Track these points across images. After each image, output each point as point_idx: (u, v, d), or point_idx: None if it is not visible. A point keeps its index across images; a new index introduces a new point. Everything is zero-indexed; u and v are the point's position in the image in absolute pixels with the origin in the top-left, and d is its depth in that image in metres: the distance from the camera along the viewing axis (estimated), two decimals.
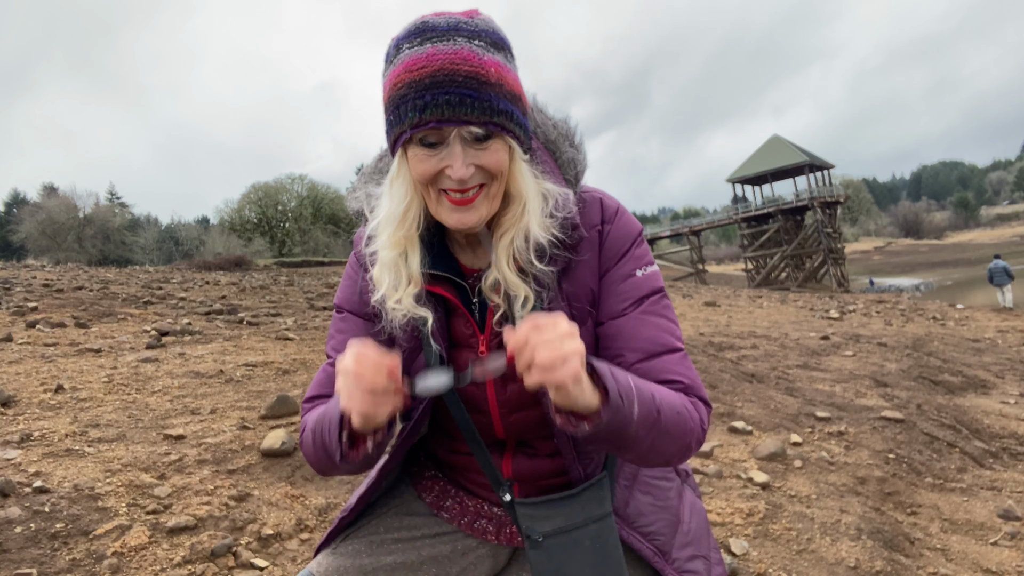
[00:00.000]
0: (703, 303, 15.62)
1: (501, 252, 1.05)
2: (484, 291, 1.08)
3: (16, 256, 43.28)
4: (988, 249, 72.43)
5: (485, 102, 0.94)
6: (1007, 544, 3.10)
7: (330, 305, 10.25)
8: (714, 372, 6.07)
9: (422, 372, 0.98)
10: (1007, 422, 5.32)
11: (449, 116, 0.93)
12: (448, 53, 0.93)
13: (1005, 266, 19.68)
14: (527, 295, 1.05)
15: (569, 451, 1.12)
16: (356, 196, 1.20)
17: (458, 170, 0.96)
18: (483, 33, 0.97)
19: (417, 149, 0.99)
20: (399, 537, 1.21)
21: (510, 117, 0.99)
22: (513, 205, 1.06)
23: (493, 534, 1.21)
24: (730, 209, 54.62)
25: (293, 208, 60.19)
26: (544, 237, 1.05)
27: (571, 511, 1.11)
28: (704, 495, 3.26)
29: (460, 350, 1.13)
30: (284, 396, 3.70)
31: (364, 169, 1.25)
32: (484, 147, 0.98)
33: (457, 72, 0.93)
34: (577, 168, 1.15)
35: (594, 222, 1.12)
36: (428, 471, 1.30)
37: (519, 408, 1.12)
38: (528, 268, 1.05)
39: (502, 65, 0.98)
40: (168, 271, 19.34)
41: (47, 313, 7.25)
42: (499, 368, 0.92)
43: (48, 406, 3.50)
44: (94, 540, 2.16)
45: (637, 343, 1.07)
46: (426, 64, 0.93)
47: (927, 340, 9.75)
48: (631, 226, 1.14)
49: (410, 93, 0.94)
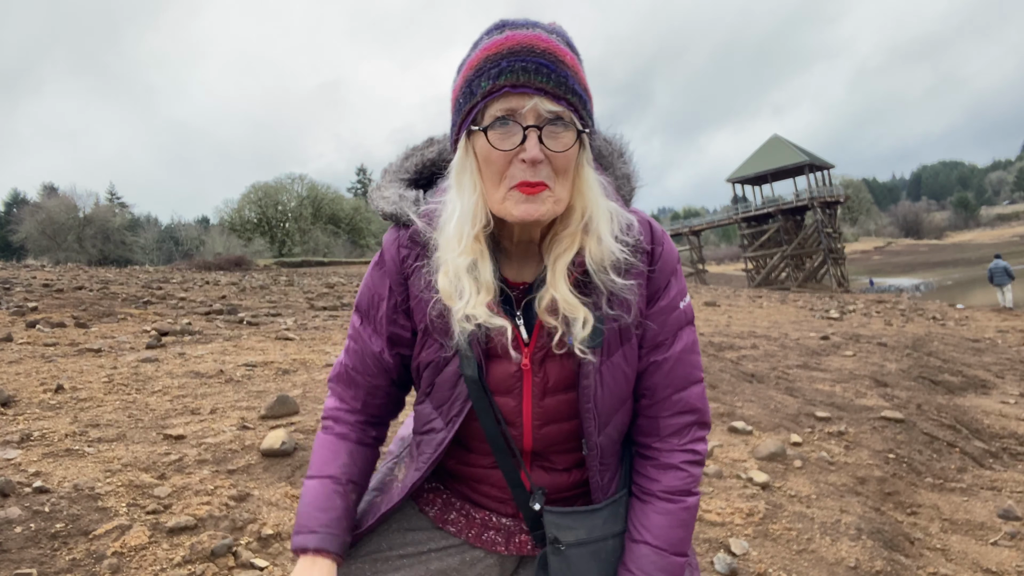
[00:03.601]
0: (703, 303, 15.61)
1: (558, 271, 1.02)
2: (538, 312, 1.05)
3: (16, 256, 43.30)
4: (988, 249, 72.42)
5: (562, 77, 0.95)
6: (1007, 544, 3.10)
7: (330, 305, 10.24)
8: (714, 372, 6.06)
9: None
10: (1007, 422, 5.32)
11: (524, 81, 0.93)
12: (527, 34, 0.95)
13: (1006, 266, 19.67)
14: (586, 317, 1.02)
15: (595, 464, 1.12)
16: (386, 197, 1.14)
17: (532, 148, 0.94)
18: (560, 32, 1.00)
19: (488, 136, 0.96)
20: (404, 553, 1.19)
21: (583, 104, 0.98)
22: (573, 218, 1.03)
23: (502, 544, 1.19)
24: (730, 209, 54.61)
25: (293, 208, 60.22)
26: (619, 249, 1.04)
27: (593, 525, 1.12)
28: (704, 495, 3.26)
29: (496, 361, 1.09)
30: (284, 396, 3.70)
31: (389, 167, 1.21)
32: (555, 134, 0.96)
33: (535, 46, 0.94)
34: (631, 184, 1.16)
35: (645, 248, 1.11)
36: (429, 484, 1.27)
37: (553, 421, 1.11)
38: (607, 284, 1.04)
39: (576, 60, 0.99)
40: (168, 271, 19.34)
41: (47, 313, 7.26)
42: None
43: (48, 406, 3.50)
44: (94, 540, 2.15)
45: (673, 380, 1.13)
46: (504, 42, 0.95)
47: (927, 340, 9.75)
48: (674, 251, 1.15)
49: (486, 65, 0.95)
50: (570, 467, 1.16)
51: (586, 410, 1.07)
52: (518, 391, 1.09)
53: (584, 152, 1.02)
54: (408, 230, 1.12)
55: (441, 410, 1.13)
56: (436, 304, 1.06)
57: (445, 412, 1.13)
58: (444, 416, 1.13)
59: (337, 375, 1.23)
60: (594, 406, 1.07)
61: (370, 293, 1.16)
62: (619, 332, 1.09)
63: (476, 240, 1.02)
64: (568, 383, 1.08)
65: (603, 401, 1.08)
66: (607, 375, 1.08)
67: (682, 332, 1.14)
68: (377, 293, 1.15)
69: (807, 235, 48.33)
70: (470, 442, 1.17)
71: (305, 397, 4.02)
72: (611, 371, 1.08)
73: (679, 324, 1.13)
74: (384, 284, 1.14)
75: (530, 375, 1.08)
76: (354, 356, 1.19)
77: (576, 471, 1.16)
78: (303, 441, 3.21)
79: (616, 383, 1.09)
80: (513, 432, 1.11)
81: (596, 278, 1.04)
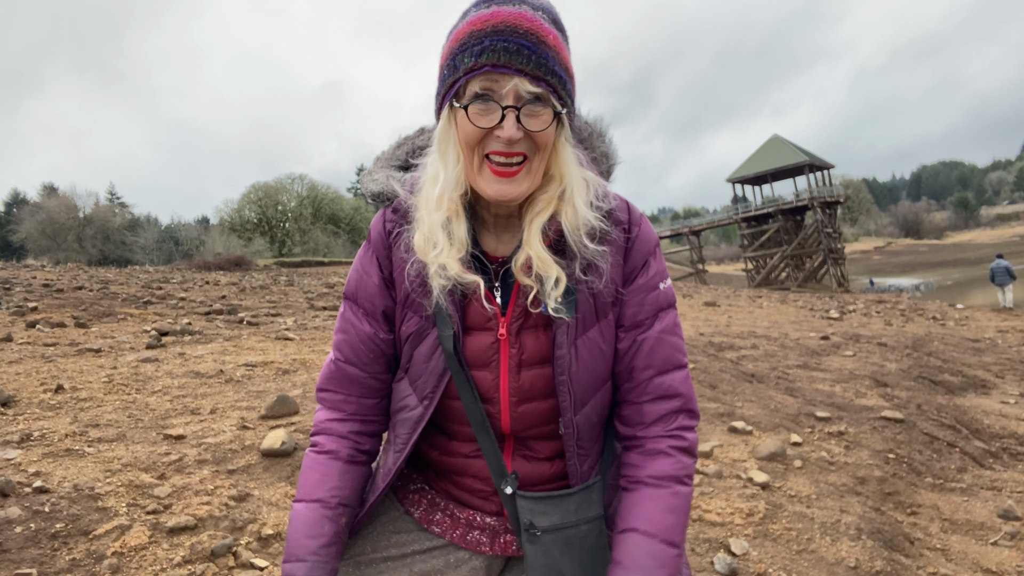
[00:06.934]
0: (703, 303, 15.61)
1: (533, 231, 1.04)
2: (514, 270, 1.06)
3: (16, 256, 43.26)
4: (988, 249, 72.42)
5: (542, 58, 0.96)
6: (1007, 544, 3.10)
7: (330, 305, 10.24)
8: (714, 372, 6.06)
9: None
10: (1007, 422, 5.32)
11: (505, 62, 0.95)
12: (512, 12, 0.97)
13: (1007, 266, 19.69)
14: (559, 276, 1.04)
15: (572, 447, 1.12)
16: (375, 179, 1.17)
17: (508, 128, 0.96)
18: (547, 9, 1.01)
19: (468, 111, 0.99)
20: (388, 555, 1.18)
21: (562, 84, 1.00)
22: (551, 185, 1.06)
23: (487, 545, 1.18)
24: (730, 209, 54.58)
25: (293, 208, 60.17)
26: (594, 217, 1.06)
27: (566, 510, 1.11)
28: (704, 495, 3.26)
29: (473, 334, 1.10)
30: (284, 396, 3.70)
31: (381, 154, 1.24)
32: (534, 113, 0.98)
33: (519, 26, 0.95)
34: (610, 161, 1.18)
35: (622, 221, 1.13)
36: (414, 484, 1.26)
37: (530, 398, 1.10)
38: (580, 249, 1.06)
39: (560, 39, 1.01)
40: (168, 271, 19.33)
41: (47, 313, 7.26)
42: None
43: (48, 406, 3.50)
44: (94, 540, 2.15)
45: (653, 360, 1.11)
46: (489, 19, 0.96)
47: (927, 340, 9.74)
48: (653, 234, 1.16)
49: (469, 41, 0.97)
50: (552, 456, 1.16)
51: (560, 383, 1.07)
52: (495, 364, 1.09)
53: (563, 130, 1.04)
54: (392, 204, 1.15)
55: (416, 385, 1.13)
56: (414, 264, 1.08)
57: (420, 388, 1.12)
58: (419, 392, 1.13)
59: (327, 377, 1.19)
60: (568, 379, 1.07)
61: (358, 274, 1.18)
62: (595, 307, 1.09)
63: (451, 201, 1.05)
64: (544, 356, 1.09)
65: (578, 376, 1.08)
66: (582, 349, 1.08)
67: (662, 313, 1.13)
68: (365, 271, 1.17)
69: (807, 235, 48.33)
70: (450, 426, 1.16)
71: (305, 397, 4.02)
72: (587, 346, 1.09)
73: (658, 304, 1.13)
74: (372, 261, 1.16)
75: (507, 346, 1.09)
76: (345, 347, 1.17)
77: (558, 461, 1.16)
78: (303, 441, 3.21)
79: (592, 358, 1.09)
80: (492, 410, 1.11)
81: (570, 239, 1.06)
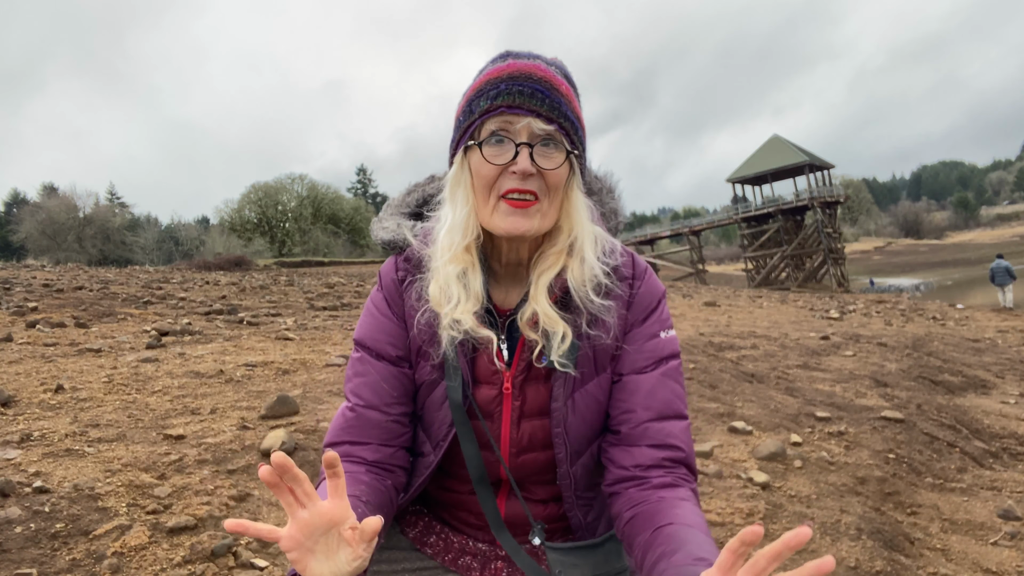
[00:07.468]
0: (703, 303, 15.61)
1: (540, 287, 1.05)
2: (520, 326, 1.06)
3: (16, 256, 43.28)
4: (988, 249, 72.42)
5: (555, 102, 1.01)
6: (1007, 544, 3.10)
7: (330, 305, 10.24)
8: (714, 372, 6.06)
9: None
10: (1007, 422, 5.32)
11: (519, 103, 0.99)
12: (527, 63, 1.03)
13: (1007, 266, 19.71)
14: (565, 332, 1.04)
15: (571, 497, 1.13)
16: (385, 226, 1.18)
17: (523, 161, 0.99)
18: (559, 64, 1.08)
19: (483, 150, 1.02)
20: (379, 571, 1.19)
21: (574, 129, 1.04)
22: (560, 237, 1.07)
23: (478, 571, 1.18)
24: (730, 209, 54.60)
25: (293, 208, 60.19)
26: (601, 270, 1.07)
27: (596, 561, 1.12)
28: (704, 495, 3.26)
29: (480, 387, 1.11)
30: (284, 396, 3.70)
31: (391, 201, 1.25)
32: (547, 154, 1.01)
33: (533, 74, 1.01)
34: (618, 218, 1.21)
35: (626, 275, 1.13)
36: (412, 506, 1.27)
37: (529, 449, 1.12)
38: (586, 303, 1.06)
39: (571, 91, 1.06)
40: (168, 271, 19.34)
41: (47, 313, 7.26)
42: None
43: (48, 406, 3.50)
44: (94, 540, 2.15)
45: (652, 403, 1.09)
46: (505, 68, 1.02)
47: (927, 340, 9.74)
48: (658, 286, 1.17)
49: (486, 88, 1.02)
50: (547, 499, 1.17)
51: (556, 435, 1.09)
52: (498, 415, 1.11)
53: (574, 176, 1.06)
54: (404, 253, 1.16)
55: (429, 433, 1.15)
56: (425, 312, 1.08)
57: (432, 435, 1.14)
58: (432, 440, 1.15)
59: (342, 428, 1.12)
60: (564, 431, 1.08)
61: (373, 318, 1.17)
62: (595, 360, 1.10)
63: (467, 251, 1.06)
64: (543, 408, 1.10)
65: (574, 427, 1.09)
66: (579, 401, 1.09)
67: (663, 361, 1.11)
68: (380, 315, 1.16)
69: (807, 235, 48.34)
70: (451, 467, 1.17)
71: (305, 397, 4.02)
72: (584, 399, 1.09)
73: (659, 352, 1.11)
74: (383, 303, 1.17)
75: (510, 399, 1.10)
76: (364, 390, 1.13)
77: (553, 504, 1.17)
78: (303, 441, 3.21)
79: (588, 410, 1.10)
80: (491, 458, 1.12)
81: (576, 296, 1.06)
